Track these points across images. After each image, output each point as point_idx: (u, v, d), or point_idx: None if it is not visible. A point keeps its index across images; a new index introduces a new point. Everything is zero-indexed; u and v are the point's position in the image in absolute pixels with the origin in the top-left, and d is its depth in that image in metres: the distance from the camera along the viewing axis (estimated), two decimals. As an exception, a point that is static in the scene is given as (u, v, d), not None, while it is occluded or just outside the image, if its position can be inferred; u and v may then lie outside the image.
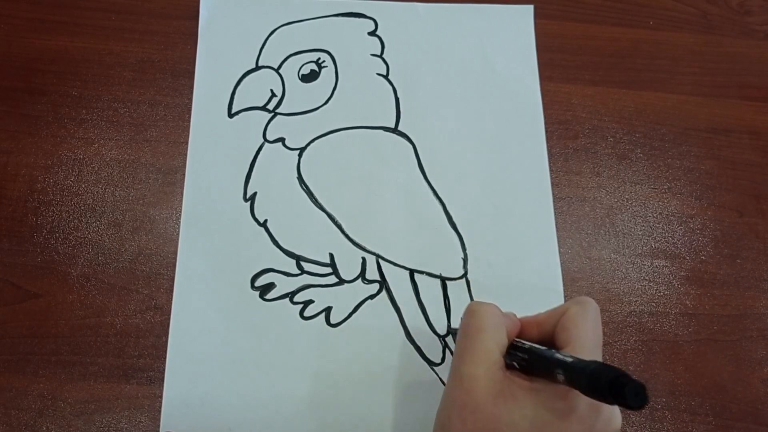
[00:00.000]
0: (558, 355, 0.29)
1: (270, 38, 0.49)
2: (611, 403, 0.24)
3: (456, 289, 0.43)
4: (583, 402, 0.29)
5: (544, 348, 0.31)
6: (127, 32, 0.50)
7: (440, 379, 0.41)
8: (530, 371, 0.31)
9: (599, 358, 0.30)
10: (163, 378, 0.41)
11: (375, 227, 0.44)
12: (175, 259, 0.43)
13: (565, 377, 0.27)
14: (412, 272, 0.44)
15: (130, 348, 0.42)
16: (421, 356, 0.42)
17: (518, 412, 0.29)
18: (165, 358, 0.41)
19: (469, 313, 0.33)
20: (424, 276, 0.44)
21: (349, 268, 0.44)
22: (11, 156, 0.46)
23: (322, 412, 0.40)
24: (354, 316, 0.43)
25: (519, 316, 0.35)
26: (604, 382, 0.24)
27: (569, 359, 0.28)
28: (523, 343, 0.32)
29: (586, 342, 0.30)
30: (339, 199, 0.45)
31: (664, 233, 0.47)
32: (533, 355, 0.31)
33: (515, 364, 0.32)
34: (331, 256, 0.44)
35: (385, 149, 0.47)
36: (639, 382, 0.24)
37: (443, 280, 0.44)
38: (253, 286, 0.43)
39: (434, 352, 0.42)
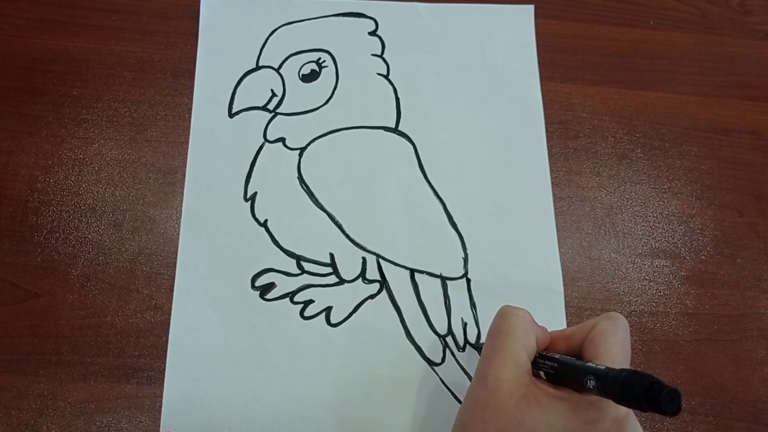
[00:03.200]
0: (589, 364, 0.29)
1: (270, 38, 0.49)
2: (645, 409, 0.24)
3: (456, 289, 0.43)
4: (608, 416, 0.28)
5: (573, 358, 0.31)
6: (127, 32, 0.50)
7: (440, 379, 0.41)
8: (557, 381, 0.30)
9: None
10: (163, 378, 0.41)
11: (375, 227, 0.44)
12: (176, 259, 0.43)
13: (597, 385, 0.27)
14: (412, 272, 0.44)
15: (130, 348, 0.42)
16: (421, 356, 0.42)
17: (541, 418, 0.28)
18: (165, 358, 0.41)
19: (500, 315, 0.33)
20: (424, 276, 0.44)
21: (349, 267, 0.44)
22: (11, 156, 0.46)
23: (322, 412, 0.40)
24: (354, 316, 0.43)
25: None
26: (638, 389, 0.24)
27: (601, 367, 0.28)
28: (553, 355, 0.32)
29: (615, 357, 0.30)
30: (339, 198, 0.45)
31: (665, 233, 0.47)
32: (562, 364, 0.30)
33: (542, 373, 0.31)
34: (332, 255, 0.44)
35: (385, 149, 0.47)
36: (674, 388, 0.23)
37: (443, 280, 0.44)
38: (253, 286, 0.43)
39: (434, 352, 0.42)
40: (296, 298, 0.43)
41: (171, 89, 0.48)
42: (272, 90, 0.48)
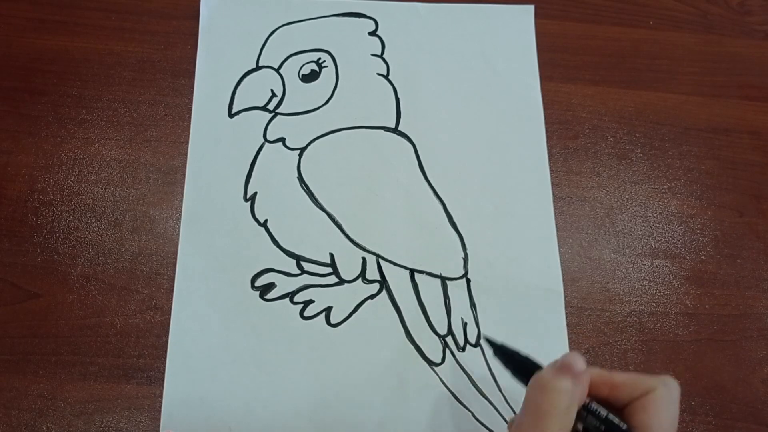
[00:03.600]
0: None
1: (270, 38, 0.49)
2: None
3: (456, 289, 0.43)
4: None
5: (625, 427, 0.29)
6: (127, 32, 0.50)
7: (440, 379, 0.41)
8: None
9: None
10: (163, 378, 0.41)
11: (375, 227, 0.44)
12: (176, 259, 0.43)
13: None
14: (412, 272, 0.44)
15: (130, 348, 0.42)
16: (421, 356, 0.42)
17: None
18: (165, 358, 0.41)
19: (539, 389, 0.30)
20: (424, 276, 0.44)
21: (349, 268, 0.44)
22: (11, 156, 0.46)
23: (322, 412, 0.40)
24: (354, 316, 0.43)
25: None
26: None
27: None
28: (599, 411, 0.30)
29: (667, 429, 0.29)
30: (339, 199, 0.45)
31: (664, 233, 0.47)
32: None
33: (580, 425, 0.30)
34: (332, 256, 0.44)
35: (385, 149, 0.47)
36: None
37: (443, 280, 0.44)
38: (253, 286, 0.43)
39: (434, 352, 0.42)
40: (296, 298, 0.43)
41: (171, 89, 0.48)
42: (272, 90, 0.48)
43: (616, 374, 0.31)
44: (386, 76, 0.49)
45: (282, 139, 0.46)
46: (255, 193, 0.45)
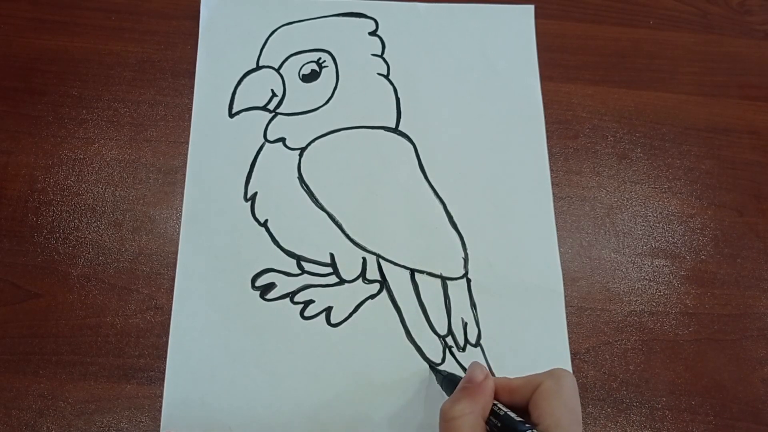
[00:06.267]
0: (528, 427, 0.29)
1: (271, 38, 0.49)
2: None
3: (456, 289, 0.43)
4: None
5: (518, 420, 0.30)
6: (127, 32, 0.50)
7: (441, 378, 0.41)
8: None
9: None
10: (163, 378, 0.41)
11: (375, 227, 0.44)
12: (176, 259, 0.43)
13: None
14: (412, 272, 0.44)
15: (130, 348, 0.42)
16: (421, 356, 0.42)
17: None
18: (165, 358, 0.41)
19: (443, 420, 0.31)
20: (424, 276, 0.44)
21: (349, 268, 0.44)
22: (11, 156, 0.46)
23: (322, 412, 0.40)
24: (354, 316, 0.43)
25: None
26: None
27: None
28: (500, 409, 0.31)
29: (561, 421, 0.29)
30: (339, 199, 0.45)
31: (665, 233, 0.47)
32: (507, 428, 0.30)
33: (488, 428, 0.31)
34: (332, 256, 0.44)
35: (385, 149, 0.47)
36: None
37: (444, 280, 0.44)
38: (253, 286, 0.43)
39: (434, 352, 0.42)
40: (296, 298, 0.43)
41: (171, 89, 0.48)
42: (272, 90, 0.48)
43: (513, 379, 0.33)
44: (386, 76, 0.49)
45: (282, 139, 0.46)
46: (255, 193, 0.45)
